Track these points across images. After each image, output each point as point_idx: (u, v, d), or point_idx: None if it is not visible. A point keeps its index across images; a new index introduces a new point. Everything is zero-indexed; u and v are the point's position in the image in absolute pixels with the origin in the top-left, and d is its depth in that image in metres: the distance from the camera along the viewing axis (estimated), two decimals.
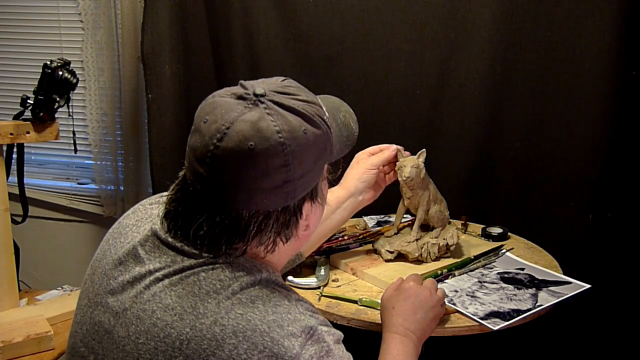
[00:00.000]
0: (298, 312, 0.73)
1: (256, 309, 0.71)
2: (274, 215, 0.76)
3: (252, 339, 0.68)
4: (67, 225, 2.51)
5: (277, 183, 0.73)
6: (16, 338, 1.46)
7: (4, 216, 1.57)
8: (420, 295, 1.04)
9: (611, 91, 1.74)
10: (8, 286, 1.59)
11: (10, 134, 1.54)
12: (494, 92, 1.84)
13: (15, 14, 2.39)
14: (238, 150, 0.71)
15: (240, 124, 0.72)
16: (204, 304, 0.71)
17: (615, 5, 1.67)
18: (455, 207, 1.63)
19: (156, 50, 1.98)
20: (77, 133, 1.74)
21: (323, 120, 0.79)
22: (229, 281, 0.73)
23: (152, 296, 0.74)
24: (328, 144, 0.80)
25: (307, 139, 0.75)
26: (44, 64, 1.53)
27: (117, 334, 0.75)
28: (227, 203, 0.74)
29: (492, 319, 1.18)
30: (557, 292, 1.29)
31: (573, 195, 1.83)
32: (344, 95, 1.99)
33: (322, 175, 0.82)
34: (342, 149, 0.91)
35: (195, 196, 0.76)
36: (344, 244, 1.50)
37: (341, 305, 1.24)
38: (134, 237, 0.82)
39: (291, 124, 0.74)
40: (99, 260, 0.84)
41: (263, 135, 0.72)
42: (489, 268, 1.41)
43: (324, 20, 1.92)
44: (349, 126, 0.95)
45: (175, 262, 0.76)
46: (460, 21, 1.82)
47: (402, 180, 1.38)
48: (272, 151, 0.72)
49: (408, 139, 1.91)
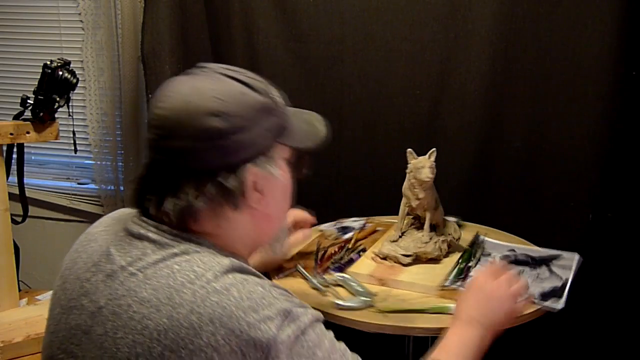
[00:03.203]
0: (272, 297, 0.74)
1: (231, 296, 0.71)
2: (216, 179, 0.78)
3: (228, 325, 0.69)
4: (67, 225, 2.51)
5: (212, 136, 0.76)
6: (16, 338, 1.46)
7: (4, 216, 1.57)
8: (486, 287, 1.05)
9: (611, 91, 1.74)
10: (8, 286, 1.60)
11: (10, 134, 1.54)
12: (494, 92, 1.84)
13: (15, 14, 2.39)
14: (176, 107, 0.77)
15: (180, 86, 0.79)
16: (179, 295, 0.71)
17: (615, 5, 1.67)
18: (455, 207, 1.63)
19: (156, 50, 1.98)
20: (77, 133, 1.74)
21: (268, 93, 0.83)
22: (202, 271, 0.74)
23: (127, 291, 0.74)
24: (275, 114, 0.84)
25: (245, 100, 0.79)
26: (44, 64, 1.53)
27: (94, 333, 0.75)
28: (175, 165, 0.78)
29: (548, 300, 1.21)
30: (564, 265, 1.35)
31: (573, 195, 1.83)
32: (343, 95, 2.02)
33: (271, 146, 0.83)
34: (305, 140, 0.92)
35: (151, 167, 0.81)
36: (345, 257, 1.42)
37: (416, 317, 1.17)
38: (105, 240, 0.83)
39: (229, 85, 0.80)
40: (69, 268, 0.84)
41: (200, 92, 0.78)
42: (487, 255, 1.44)
43: (324, 20, 1.92)
44: (312, 123, 0.96)
45: (146, 255, 0.77)
46: (460, 21, 1.82)
47: (422, 181, 1.35)
48: (208, 106, 0.77)
49: (408, 139, 1.91)
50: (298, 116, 0.93)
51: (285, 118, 0.86)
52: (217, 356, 0.68)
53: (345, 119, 1.99)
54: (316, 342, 0.75)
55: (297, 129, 0.89)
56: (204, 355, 0.68)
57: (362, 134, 1.99)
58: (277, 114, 0.84)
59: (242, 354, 0.69)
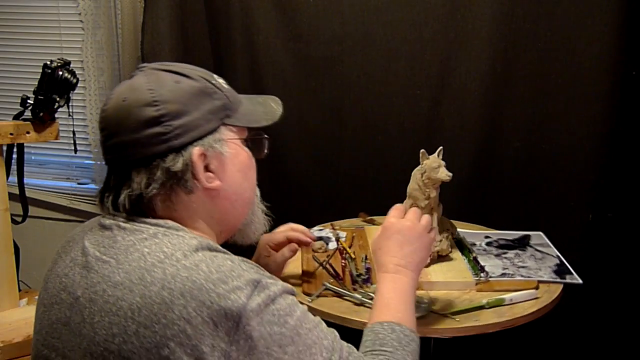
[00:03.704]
0: (241, 270, 0.75)
1: (200, 271, 0.73)
2: (164, 165, 0.81)
3: (199, 297, 0.71)
4: (67, 225, 2.51)
5: (150, 124, 0.80)
6: (16, 338, 1.46)
7: (4, 216, 1.57)
8: (403, 229, 1.03)
9: (611, 91, 1.74)
10: (8, 286, 1.60)
11: (10, 134, 1.54)
12: (494, 92, 1.84)
13: (15, 14, 2.39)
14: (115, 106, 0.82)
15: (119, 88, 0.85)
16: (150, 274, 0.74)
17: (615, 5, 1.67)
18: (455, 207, 1.63)
19: (156, 50, 1.98)
20: (77, 133, 1.74)
21: (205, 78, 0.86)
22: (171, 251, 0.76)
23: (101, 278, 0.77)
24: (216, 97, 0.86)
25: (180, 87, 0.83)
26: (44, 64, 1.53)
27: (73, 322, 0.77)
28: (123, 160, 0.82)
29: (565, 277, 1.30)
30: (542, 243, 1.50)
31: (573, 195, 1.83)
32: (343, 95, 2.02)
33: (217, 127, 0.86)
34: (259, 119, 0.93)
35: (108, 167, 0.86)
36: (360, 267, 1.37)
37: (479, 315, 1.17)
38: (80, 237, 0.86)
39: (162, 77, 0.83)
40: (50, 269, 0.87)
41: (134, 88, 0.82)
42: (472, 244, 1.49)
43: (324, 20, 1.92)
44: (267, 104, 0.98)
45: (117, 242, 0.79)
46: (460, 21, 1.82)
47: (439, 180, 1.34)
48: (141, 98, 0.81)
49: (408, 139, 1.91)
50: (252, 100, 0.96)
51: (231, 101, 0.89)
52: (190, 327, 0.70)
53: (345, 119, 1.99)
54: (287, 311, 0.76)
55: (249, 110, 0.92)
56: (177, 327, 0.70)
57: (362, 134, 1.99)
58: (219, 97, 0.87)
59: (214, 323, 0.71)
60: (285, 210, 1.89)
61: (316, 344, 0.77)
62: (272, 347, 0.73)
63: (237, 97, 0.91)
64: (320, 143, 2.04)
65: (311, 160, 2.06)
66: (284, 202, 1.97)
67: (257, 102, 0.97)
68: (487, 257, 1.42)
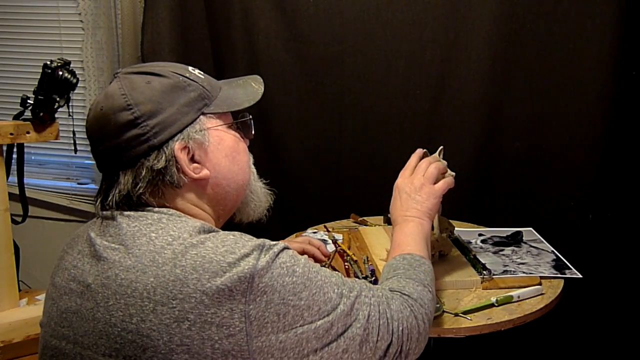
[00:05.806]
0: (245, 240, 0.80)
1: (207, 246, 0.77)
2: (147, 164, 0.84)
3: (211, 269, 0.75)
4: (67, 225, 2.51)
5: (128, 127, 0.83)
6: (16, 338, 1.46)
7: (4, 216, 1.57)
8: (405, 187, 1.15)
9: (611, 91, 1.74)
10: (8, 286, 1.59)
11: (10, 134, 1.54)
12: (494, 92, 1.84)
13: (15, 14, 2.39)
14: (94, 116, 0.87)
15: (97, 98, 0.89)
16: (161, 256, 0.77)
17: (615, 5, 1.67)
18: (455, 207, 1.63)
19: (156, 50, 1.98)
20: (77, 133, 1.74)
21: (177, 73, 0.89)
22: (177, 234, 0.80)
23: (112, 264, 0.79)
24: (190, 89, 0.88)
25: (151, 87, 0.85)
26: (44, 64, 1.52)
27: (85, 309, 0.79)
28: (110, 164, 0.86)
29: (563, 272, 1.32)
30: (535, 239, 1.52)
31: (573, 195, 1.83)
32: (343, 95, 2.02)
33: (196, 118, 0.88)
34: (240, 102, 0.95)
35: (101, 172, 0.90)
36: (363, 269, 1.37)
37: (491, 313, 1.17)
38: (85, 232, 0.88)
39: (133, 81, 0.86)
40: (57, 265, 0.89)
41: (109, 96, 0.86)
42: (468, 242, 1.50)
43: (324, 20, 1.92)
44: (247, 85, 1.01)
45: (122, 229, 0.82)
46: (460, 21, 1.82)
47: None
48: (117, 104, 0.84)
49: (408, 139, 1.91)
50: (232, 83, 0.99)
51: (208, 89, 0.91)
52: (206, 298, 0.73)
53: (345, 119, 1.99)
54: (293, 262, 0.80)
55: (228, 94, 0.95)
56: (194, 300, 0.73)
57: (362, 134, 1.99)
58: (194, 88, 0.89)
59: (229, 289, 0.74)
60: (284, 210, 1.90)
61: (326, 283, 0.82)
62: (288, 296, 0.77)
63: (215, 84, 0.94)
64: (320, 143, 2.04)
65: (311, 160, 2.06)
66: (283, 202, 1.96)
67: (237, 84, 1.00)
68: (485, 254, 1.42)
